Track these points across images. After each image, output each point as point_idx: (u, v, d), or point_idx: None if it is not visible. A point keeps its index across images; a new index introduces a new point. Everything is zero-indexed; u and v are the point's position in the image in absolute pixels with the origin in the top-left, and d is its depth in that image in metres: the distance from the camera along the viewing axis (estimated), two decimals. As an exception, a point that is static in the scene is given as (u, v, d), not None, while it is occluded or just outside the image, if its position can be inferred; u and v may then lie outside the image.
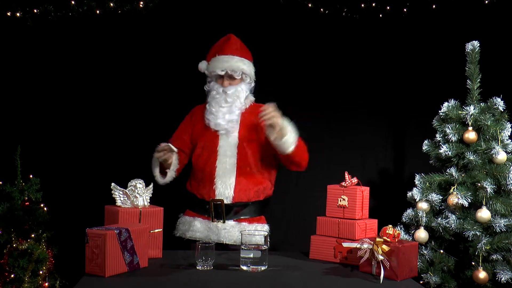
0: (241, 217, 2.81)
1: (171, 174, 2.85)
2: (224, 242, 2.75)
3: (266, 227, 2.86)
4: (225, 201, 2.77)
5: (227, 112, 2.84)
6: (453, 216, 2.93)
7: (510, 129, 2.99)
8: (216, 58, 2.90)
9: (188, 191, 2.93)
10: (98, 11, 3.50)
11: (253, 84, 2.97)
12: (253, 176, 2.83)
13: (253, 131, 2.85)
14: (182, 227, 2.89)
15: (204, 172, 2.82)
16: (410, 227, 3.07)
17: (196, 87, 3.68)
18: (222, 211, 2.76)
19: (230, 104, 2.85)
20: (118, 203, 2.44)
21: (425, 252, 2.97)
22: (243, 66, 2.89)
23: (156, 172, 2.85)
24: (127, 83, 3.74)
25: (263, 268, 2.26)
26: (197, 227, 2.82)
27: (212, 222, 2.79)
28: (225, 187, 2.78)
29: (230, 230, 2.76)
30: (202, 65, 2.98)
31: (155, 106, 3.75)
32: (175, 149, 2.71)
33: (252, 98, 2.96)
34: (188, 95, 3.68)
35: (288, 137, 2.68)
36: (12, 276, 2.94)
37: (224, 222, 2.77)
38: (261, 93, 3.01)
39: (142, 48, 3.74)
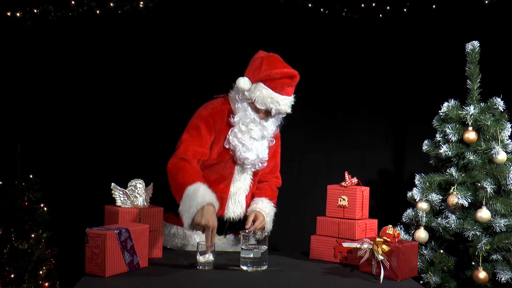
0: (236, 231, 2.76)
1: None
2: None
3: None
4: (234, 219, 2.71)
5: (260, 148, 2.63)
6: (453, 216, 2.93)
7: (510, 129, 2.99)
8: (271, 94, 2.54)
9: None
10: (98, 11, 3.50)
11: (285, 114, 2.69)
12: None
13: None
14: (175, 239, 2.72)
15: (217, 191, 2.55)
16: (410, 227, 3.07)
17: (196, 87, 3.70)
18: (226, 228, 2.71)
19: (265, 138, 2.65)
20: (118, 203, 2.43)
21: (425, 252, 2.97)
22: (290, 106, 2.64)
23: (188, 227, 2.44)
24: (127, 83, 3.74)
25: (263, 268, 2.26)
26: (195, 241, 2.66)
27: None
28: (236, 207, 2.70)
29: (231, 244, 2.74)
30: (245, 85, 2.57)
31: (155, 106, 3.75)
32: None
33: None
34: (188, 95, 3.68)
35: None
36: (12, 276, 2.94)
37: (225, 237, 2.73)
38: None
39: (142, 48, 3.74)
